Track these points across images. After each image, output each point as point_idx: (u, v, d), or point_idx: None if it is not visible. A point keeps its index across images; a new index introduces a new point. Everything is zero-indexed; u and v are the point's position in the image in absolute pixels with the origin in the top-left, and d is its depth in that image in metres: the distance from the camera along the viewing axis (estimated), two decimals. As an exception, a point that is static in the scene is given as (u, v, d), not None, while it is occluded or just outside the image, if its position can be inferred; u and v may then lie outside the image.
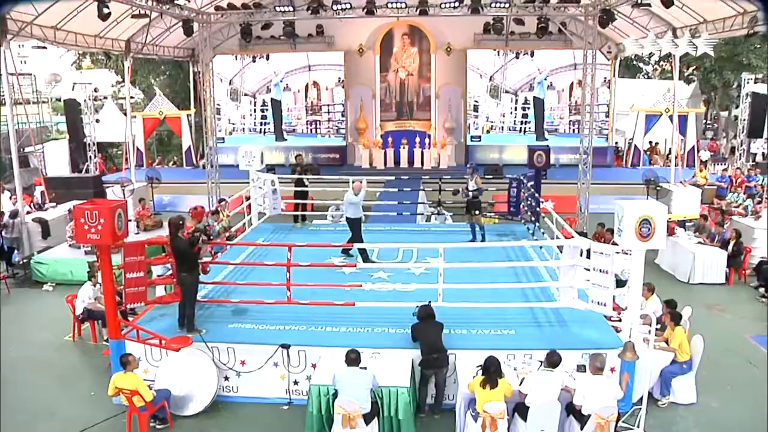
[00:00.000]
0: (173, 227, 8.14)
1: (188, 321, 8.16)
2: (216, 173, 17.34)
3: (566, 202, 17.59)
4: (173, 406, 7.77)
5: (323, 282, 9.09)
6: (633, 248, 6.91)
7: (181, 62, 25.71)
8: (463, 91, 22.88)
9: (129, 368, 7.17)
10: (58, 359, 9.61)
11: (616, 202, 7.04)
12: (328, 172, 21.40)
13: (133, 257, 8.17)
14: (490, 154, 23.05)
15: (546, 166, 13.31)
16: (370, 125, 23.30)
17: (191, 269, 8.16)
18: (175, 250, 8.12)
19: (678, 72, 17.82)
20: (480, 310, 8.32)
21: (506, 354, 7.52)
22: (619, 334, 7.90)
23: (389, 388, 6.98)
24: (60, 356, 9.72)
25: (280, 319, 8.51)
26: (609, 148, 23.14)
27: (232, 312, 8.85)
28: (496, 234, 13.27)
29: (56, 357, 9.68)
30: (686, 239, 13.22)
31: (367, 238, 12.26)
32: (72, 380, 8.89)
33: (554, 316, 8.37)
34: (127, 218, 8.00)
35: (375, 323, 8.36)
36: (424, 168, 22.37)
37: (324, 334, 8.16)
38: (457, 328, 8.08)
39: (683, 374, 7.72)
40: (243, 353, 7.99)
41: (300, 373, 7.93)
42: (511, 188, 13.44)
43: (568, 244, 7.98)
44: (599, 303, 7.55)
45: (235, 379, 8.09)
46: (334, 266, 10.07)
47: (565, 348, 7.41)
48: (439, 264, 8.44)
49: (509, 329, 8.09)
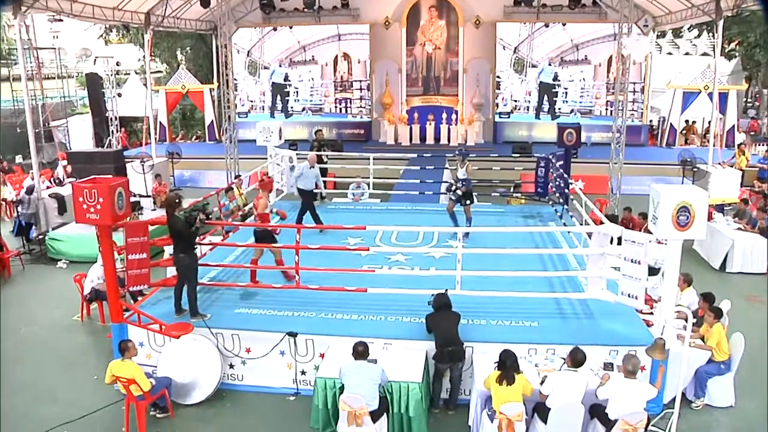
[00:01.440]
0: (169, 205, 7.75)
1: (190, 305, 7.78)
2: (234, 149, 16.93)
3: (597, 183, 16.86)
4: (176, 394, 7.45)
5: (336, 266, 8.62)
6: (669, 238, 6.28)
7: (204, 35, 25.28)
8: (491, 65, 22.06)
9: (127, 355, 6.82)
10: (65, 340, 9.37)
11: (652, 186, 6.40)
12: (353, 148, 20.92)
13: (136, 238, 7.82)
14: (519, 132, 22.29)
15: (577, 145, 12.59)
16: (396, 100, 22.72)
17: (188, 250, 7.74)
18: (171, 229, 7.74)
19: (719, 47, 16.76)
20: (501, 300, 7.77)
21: (527, 348, 6.99)
22: (651, 329, 7.30)
23: (400, 383, 6.53)
24: (67, 337, 9.48)
25: (289, 304, 8.10)
26: (643, 126, 22.12)
27: (240, 296, 8.46)
28: (522, 215, 12.68)
29: (63, 337, 9.44)
30: (724, 225, 12.42)
31: (388, 218, 11.80)
32: (76, 362, 8.63)
33: (581, 308, 7.77)
34: (129, 197, 7.65)
35: (388, 311, 7.88)
36: (451, 145, 21.72)
37: (334, 321, 7.72)
38: (476, 318, 7.57)
39: (720, 375, 7.08)
40: (248, 340, 7.60)
41: (308, 362, 7.51)
42: (539, 168, 12.76)
43: (597, 231, 7.35)
44: (630, 296, 6.95)
45: (240, 367, 7.72)
46: (348, 249, 9.52)
47: (591, 343, 6.88)
48: (458, 249, 7.86)
49: (532, 321, 7.52)
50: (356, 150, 19.77)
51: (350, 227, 9.65)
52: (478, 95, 22.19)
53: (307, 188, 11.63)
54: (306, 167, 11.72)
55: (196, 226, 7.71)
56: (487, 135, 22.28)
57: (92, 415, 7.20)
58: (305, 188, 11.64)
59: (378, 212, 12.97)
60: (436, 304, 7.10)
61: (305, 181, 11.65)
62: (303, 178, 11.67)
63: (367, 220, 11.59)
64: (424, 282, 8.12)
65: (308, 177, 11.67)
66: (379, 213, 12.79)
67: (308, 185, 11.63)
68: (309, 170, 11.69)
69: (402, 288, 8.02)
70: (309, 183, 11.64)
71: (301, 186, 11.68)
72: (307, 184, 11.63)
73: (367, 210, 13.30)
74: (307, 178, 11.66)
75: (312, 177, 11.69)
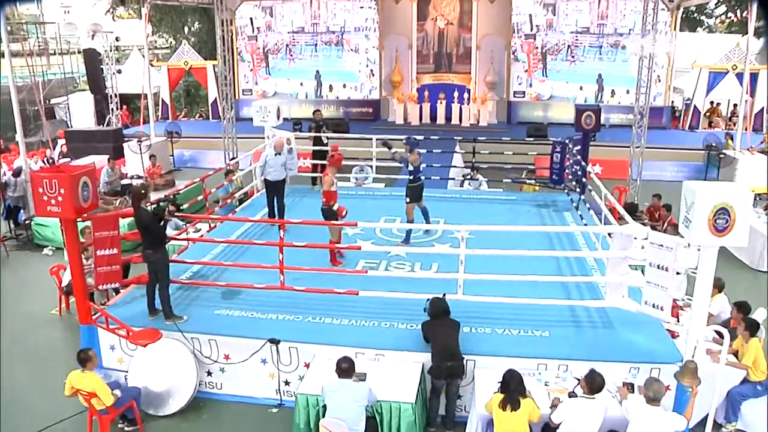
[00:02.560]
0: (135, 197, 6.99)
1: (164, 306, 7.07)
2: (232, 128, 16.11)
3: (615, 168, 15.94)
4: (149, 404, 6.77)
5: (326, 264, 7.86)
6: (704, 244, 5.41)
7: (209, 10, 24.34)
8: (506, 42, 21.02)
9: (88, 366, 6.10)
10: (39, 336, 8.71)
11: (686, 183, 5.50)
12: (361, 128, 20.06)
13: (104, 232, 7.10)
14: (534, 112, 21.33)
15: (596, 129, 11.65)
16: (406, 78, 21.78)
17: (156, 245, 7.00)
18: (138, 222, 7.00)
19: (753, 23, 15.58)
20: (508, 306, 6.94)
21: (537, 363, 6.20)
22: (676, 341, 6.49)
23: (390, 403, 5.78)
24: (42, 332, 8.83)
25: (274, 306, 7.35)
26: (665, 108, 20.96)
27: (222, 295, 7.71)
28: (535, 204, 11.79)
29: (38, 333, 8.79)
30: (755, 218, 11.44)
31: (391, 205, 10.88)
32: (47, 363, 7.95)
33: (598, 318, 6.90)
34: (96, 187, 6.91)
35: (382, 315, 7.08)
36: (462, 125, 20.85)
37: (321, 327, 6.95)
38: (480, 326, 6.78)
39: (756, 397, 6.21)
40: (226, 346, 6.87)
41: (292, 372, 6.78)
42: (554, 153, 11.83)
43: (620, 232, 6.46)
44: (655, 306, 6.10)
45: (219, 375, 7.01)
46: (338, 248, 8.46)
47: (608, 359, 6.09)
48: (460, 250, 7.01)
49: (542, 330, 6.71)
50: (364, 130, 18.93)
51: (339, 224, 8.48)
52: (492, 73, 21.17)
53: (275, 179, 10.26)
54: (271, 155, 10.25)
55: (165, 219, 6.96)
56: (500, 115, 21.35)
57: (55, 426, 6.54)
58: (274, 179, 10.25)
59: (380, 198, 12.10)
60: (432, 311, 6.31)
61: (272, 170, 10.23)
62: (269, 167, 10.22)
63: (367, 208, 10.88)
64: (421, 285, 7.26)
65: (275, 166, 10.25)
66: (382, 200, 11.91)
67: (277, 175, 10.26)
68: (275, 158, 10.24)
69: (398, 291, 7.18)
70: (277, 173, 10.26)
71: (270, 177, 10.24)
72: (276, 174, 10.25)
73: (369, 196, 12.46)
74: (275, 167, 10.24)
75: (279, 166, 10.27)
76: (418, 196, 9.61)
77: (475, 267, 7.13)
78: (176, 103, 26.44)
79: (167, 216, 6.97)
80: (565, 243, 9.22)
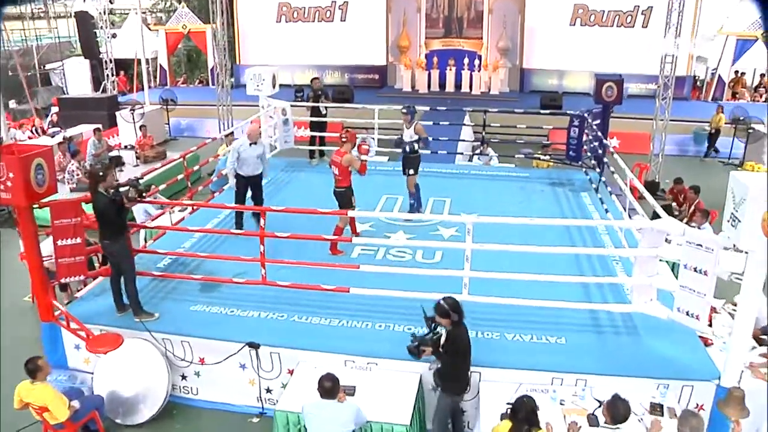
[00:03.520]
0: (92, 179, 6.19)
1: (132, 302, 6.33)
2: (227, 96, 15.19)
3: (633, 141, 14.99)
4: (116, 412, 6.09)
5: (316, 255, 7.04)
6: (754, 249, 4.55)
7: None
8: (520, 6, 19.81)
9: (39, 377, 5.35)
10: (8, 326, 8.00)
11: (733, 174, 4.62)
12: (366, 95, 19.08)
13: (65, 219, 6.32)
14: (549, 81, 20.25)
15: (617, 101, 10.66)
16: (414, 43, 20.73)
17: (115, 235, 6.21)
18: (94, 208, 6.20)
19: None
20: (518, 308, 6.10)
21: (551, 377, 5.41)
22: (709, 349, 5.68)
23: (382, 425, 5.02)
24: (11, 322, 8.13)
25: (256, 302, 6.59)
26: (687, 78, 19.72)
27: (201, 288, 6.95)
28: (550, 182, 10.88)
29: (7, 323, 8.09)
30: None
31: (393, 182, 10.02)
32: (11, 361, 7.19)
33: (622, 323, 6.06)
34: (54, 169, 6.13)
35: (376, 315, 6.30)
36: (473, 93, 19.84)
37: (307, 328, 6.17)
38: (487, 330, 5.98)
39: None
40: (201, 349, 6.14)
41: (274, 379, 6.04)
42: (571, 127, 10.87)
43: (650, 227, 5.57)
44: (689, 314, 5.26)
45: (194, 379, 6.30)
46: (326, 239, 7.35)
47: (634, 374, 5.32)
48: (466, 245, 6.13)
49: (558, 336, 5.91)
50: (369, 98, 17.95)
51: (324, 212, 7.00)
52: (505, 39, 20.04)
53: (250, 174, 8.35)
54: (245, 145, 8.22)
55: (126, 207, 6.16)
56: (512, 83, 20.30)
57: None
58: (248, 175, 8.34)
59: (383, 174, 11.17)
60: (458, 313, 4.89)
61: (246, 165, 8.26)
62: (242, 161, 8.24)
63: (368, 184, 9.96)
64: (421, 282, 6.30)
65: (249, 159, 8.25)
66: (384, 175, 10.99)
67: (252, 170, 8.32)
68: (250, 149, 8.24)
69: (394, 290, 6.32)
70: (253, 167, 8.30)
71: (243, 173, 8.31)
72: (250, 168, 8.30)
73: (370, 171, 11.46)
74: (248, 160, 8.24)
75: (255, 158, 8.30)
76: (417, 167, 9.03)
77: (482, 261, 6.26)
78: (176, 68, 25.48)
79: (127, 202, 6.16)
80: (585, 233, 8.26)
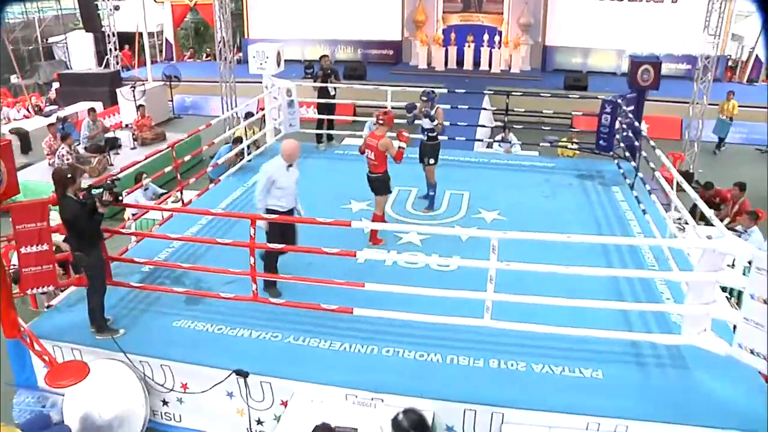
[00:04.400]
0: (58, 182, 5.36)
1: (94, 318, 5.58)
2: (230, 73, 14.33)
3: (663, 126, 14.02)
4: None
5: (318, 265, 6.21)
6: None
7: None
8: (545, -22, 18.72)
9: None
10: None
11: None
12: (379, 72, 18.16)
13: (29, 224, 5.55)
14: (573, 59, 19.20)
15: (654, 87, 9.67)
16: (431, 17, 19.77)
17: (88, 244, 5.43)
18: (61, 215, 5.42)
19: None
20: (547, 336, 5.24)
21: (586, 421, 4.60)
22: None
23: (385, 478, 4.26)
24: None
25: (248, 317, 5.81)
26: (721, 58, 18.44)
27: (186, 299, 6.19)
28: (578, 174, 9.90)
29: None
30: None
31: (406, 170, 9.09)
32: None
33: (669, 358, 5.15)
34: (14, 167, 5.37)
35: (383, 338, 5.50)
36: (492, 71, 18.85)
37: (304, 352, 5.37)
38: (511, 360, 5.16)
39: None
40: (183, 374, 5.39)
41: (265, 410, 5.29)
42: (603, 114, 9.89)
43: (711, 248, 4.62)
44: (753, 352, 4.41)
45: (177, 405, 5.56)
46: (328, 253, 5.75)
47: (686, 422, 4.49)
48: (490, 263, 5.20)
49: (593, 368, 5.07)
50: (383, 74, 17.07)
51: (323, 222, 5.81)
52: (527, 14, 18.95)
53: (288, 208, 6.22)
54: (281, 168, 6.11)
55: (99, 212, 5.37)
56: (534, 61, 19.32)
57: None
58: (286, 209, 6.19)
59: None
60: None
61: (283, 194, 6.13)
62: (277, 189, 6.09)
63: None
64: (437, 304, 5.45)
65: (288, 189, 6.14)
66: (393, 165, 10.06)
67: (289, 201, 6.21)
68: (286, 173, 6.12)
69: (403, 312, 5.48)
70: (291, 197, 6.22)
71: (278, 207, 6.13)
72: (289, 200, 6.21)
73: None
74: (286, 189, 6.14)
75: (293, 188, 6.21)
76: (437, 156, 8.36)
77: (503, 278, 5.35)
78: (183, 42, 24.59)
79: (101, 208, 5.35)
80: (626, 256, 6.93)
